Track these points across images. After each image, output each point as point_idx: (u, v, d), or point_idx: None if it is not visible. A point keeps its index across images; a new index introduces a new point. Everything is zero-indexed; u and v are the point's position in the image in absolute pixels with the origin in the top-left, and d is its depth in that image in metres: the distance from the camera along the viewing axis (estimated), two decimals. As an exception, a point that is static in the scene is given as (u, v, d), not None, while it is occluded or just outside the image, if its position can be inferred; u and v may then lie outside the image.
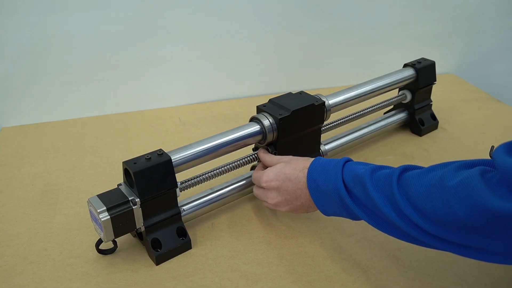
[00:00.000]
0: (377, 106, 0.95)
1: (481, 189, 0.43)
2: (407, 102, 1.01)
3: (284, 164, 0.66)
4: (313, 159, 0.65)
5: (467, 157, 0.92)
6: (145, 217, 0.65)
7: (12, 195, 0.82)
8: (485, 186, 0.43)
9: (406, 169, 0.55)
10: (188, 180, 0.71)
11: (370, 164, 0.60)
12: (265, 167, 0.72)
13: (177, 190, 0.67)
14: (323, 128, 0.85)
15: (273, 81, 1.22)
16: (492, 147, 0.66)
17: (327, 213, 0.63)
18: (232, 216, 0.77)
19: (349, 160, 0.62)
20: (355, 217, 0.60)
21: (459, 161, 0.50)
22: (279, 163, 0.68)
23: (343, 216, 0.61)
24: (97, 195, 0.63)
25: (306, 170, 0.63)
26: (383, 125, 0.98)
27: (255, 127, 0.74)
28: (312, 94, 0.81)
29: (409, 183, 0.52)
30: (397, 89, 1.00)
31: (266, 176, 0.66)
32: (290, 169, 0.65)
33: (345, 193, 0.58)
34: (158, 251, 0.66)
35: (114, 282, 0.64)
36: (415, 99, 0.99)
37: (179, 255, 0.69)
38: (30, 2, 0.94)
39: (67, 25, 0.98)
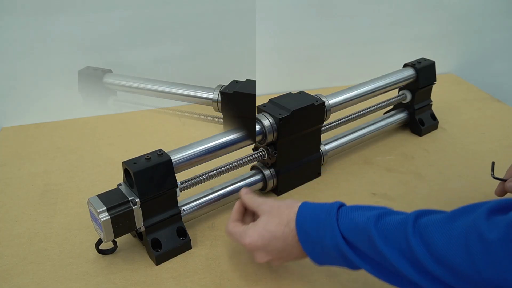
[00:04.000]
0: (377, 106, 0.95)
1: None
2: (407, 102, 1.01)
3: (266, 217, 0.59)
4: (297, 205, 0.58)
5: (467, 157, 0.93)
6: (145, 217, 0.65)
7: (12, 195, 0.82)
8: None
9: (419, 215, 0.49)
10: (188, 180, 0.71)
11: (369, 209, 0.53)
12: (243, 205, 0.65)
13: (177, 190, 0.67)
14: (323, 128, 0.85)
15: (273, 81, 1.22)
16: (493, 163, 0.63)
17: (323, 263, 0.56)
18: (232, 216, 0.77)
19: (341, 205, 0.56)
20: (357, 269, 0.54)
21: (484, 204, 0.45)
22: (259, 209, 0.61)
23: (342, 267, 0.55)
24: (97, 195, 0.63)
25: (292, 224, 0.56)
26: (383, 125, 0.98)
27: (255, 127, 0.74)
28: (312, 94, 0.81)
29: (431, 233, 0.45)
30: (397, 89, 1.00)
31: (250, 238, 0.58)
32: (275, 225, 0.57)
33: (346, 247, 0.52)
34: (158, 251, 0.66)
35: (114, 282, 0.64)
36: (415, 99, 0.99)
37: (179, 255, 0.69)
38: (30, 2, 0.94)
39: (67, 25, 0.98)
